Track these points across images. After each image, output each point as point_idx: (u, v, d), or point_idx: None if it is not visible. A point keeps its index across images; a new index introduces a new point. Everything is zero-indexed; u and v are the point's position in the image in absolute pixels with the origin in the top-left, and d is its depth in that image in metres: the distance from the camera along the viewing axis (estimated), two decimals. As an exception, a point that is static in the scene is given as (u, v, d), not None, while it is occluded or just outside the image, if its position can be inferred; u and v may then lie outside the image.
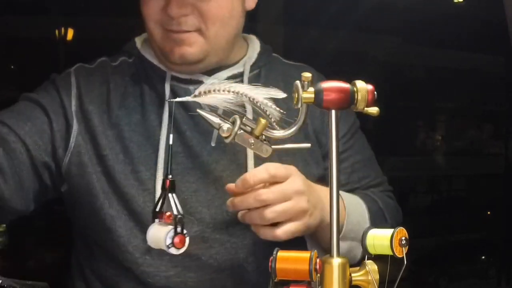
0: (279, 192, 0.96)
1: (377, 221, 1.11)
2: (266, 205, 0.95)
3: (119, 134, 1.10)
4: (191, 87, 1.14)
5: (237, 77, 1.15)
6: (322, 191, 1.05)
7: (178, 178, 1.03)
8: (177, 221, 0.85)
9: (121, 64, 1.18)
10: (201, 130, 1.11)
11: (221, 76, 1.15)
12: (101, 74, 1.17)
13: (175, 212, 0.89)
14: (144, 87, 1.15)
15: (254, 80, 1.16)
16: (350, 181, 1.18)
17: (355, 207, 1.10)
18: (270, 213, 0.96)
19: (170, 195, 0.88)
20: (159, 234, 0.87)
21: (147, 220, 1.05)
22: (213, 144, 1.10)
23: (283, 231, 0.97)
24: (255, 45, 1.22)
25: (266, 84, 1.06)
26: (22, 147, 1.07)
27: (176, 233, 0.84)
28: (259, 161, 1.08)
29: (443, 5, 3.42)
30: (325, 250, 1.03)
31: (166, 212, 0.88)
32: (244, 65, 1.17)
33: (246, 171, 1.07)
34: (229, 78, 1.14)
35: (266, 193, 0.96)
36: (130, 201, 1.08)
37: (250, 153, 1.09)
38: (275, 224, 0.98)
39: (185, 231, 0.85)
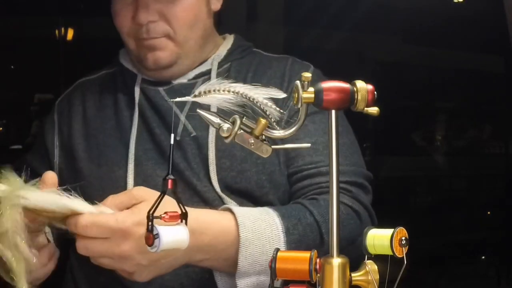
0: (95, 251, 0.92)
1: (304, 242, 1.01)
2: None
3: (96, 142, 1.17)
4: (159, 88, 1.20)
5: (205, 74, 1.20)
6: (197, 228, 0.96)
7: (149, 173, 1.11)
8: (150, 219, 0.81)
9: (100, 76, 1.29)
10: (168, 126, 1.15)
11: (189, 75, 1.21)
12: (77, 96, 1.26)
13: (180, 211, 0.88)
14: (119, 93, 1.23)
15: (224, 75, 1.20)
16: (294, 166, 1.13)
17: (260, 233, 1.00)
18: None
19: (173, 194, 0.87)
20: (181, 236, 0.86)
21: None
22: (178, 138, 1.14)
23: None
24: (228, 43, 1.26)
25: (235, 77, 1.07)
26: None
27: (147, 231, 0.82)
28: (219, 153, 1.12)
29: (443, 5, 3.42)
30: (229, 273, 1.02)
31: (174, 212, 0.87)
32: (212, 62, 1.21)
33: (207, 163, 1.11)
34: (196, 76, 1.20)
35: (83, 247, 0.92)
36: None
37: (211, 146, 1.11)
38: None
39: (155, 232, 0.83)
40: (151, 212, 0.82)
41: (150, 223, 0.82)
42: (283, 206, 1.08)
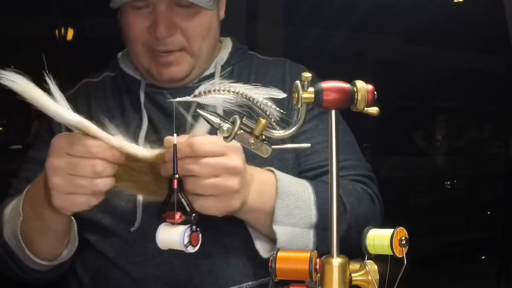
0: (208, 166, 0.94)
1: (328, 207, 1.09)
2: (193, 175, 0.95)
3: None
4: (164, 91, 1.21)
5: (209, 77, 1.22)
6: (251, 174, 1.04)
7: None
8: (193, 220, 0.86)
9: (103, 79, 1.28)
10: (176, 127, 1.16)
11: (193, 79, 1.23)
12: (82, 96, 1.26)
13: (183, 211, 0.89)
14: (124, 97, 1.23)
15: (227, 78, 1.21)
16: (310, 162, 1.19)
17: (294, 189, 1.08)
18: (190, 183, 0.96)
19: (179, 194, 0.88)
20: (174, 236, 0.87)
21: (130, 213, 1.09)
22: None
23: (198, 205, 0.96)
24: (227, 46, 1.29)
25: (238, 80, 1.10)
26: None
27: (192, 232, 0.85)
28: None
29: (443, 5, 3.42)
30: (265, 234, 1.09)
31: (176, 213, 0.87)
32: (216, 66, 1.23)
33: None
34: (201, 79, 1.22)
35: (192, 164, 0.95)
36: (113, 199, 1.12)
37: None
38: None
39: (198, 229, 0.86)
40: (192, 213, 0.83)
41: (195, 223, 0.83)
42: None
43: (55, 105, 0.90)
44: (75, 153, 0.93)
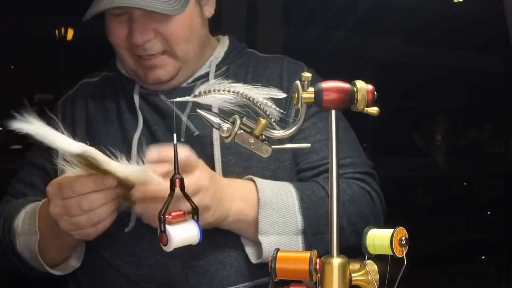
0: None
1: (316, 212, 1.09)
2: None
3: (98, 143, 1.16)
4: (159, 92, 1.22)
5: (204, 77, 1.21)
6: (227, 187, 1.05)
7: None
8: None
9: (102, 79, 1.30)
10: (170, 127, 1.16)
11: (188, 79, 1.22)
12: (80, 97, 1.27)
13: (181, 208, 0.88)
14: (120, 97, 1.23)
15: (223, 77, 1.20)
16: (308, 162, 1.18)
17: (277, 198, 1.08)
18: (146, 218, 1.00)
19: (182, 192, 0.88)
20: (191, 232, 0.87)
21: (124, 214, 1.09)
22: (182, 140, 1.15)
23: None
24: (224, 45, 1.27)
25: (235, 79, 1.10)
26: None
27: (160, 231, 0.85)
28: (225, 150, 1.12)
29: (443, 5, 3.42)
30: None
31: (179, 210, 0.87)
32: (210, 65, 1.22)
33: (213, 161, 1.12)
34: (195, 79, 1.21)
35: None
36: None
37: (216, 143, 1.13)
38: None
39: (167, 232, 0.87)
40: (161, 214, 0.83)
41: (162, 224, 0.83)
42: (298, 182, 1.16)
43: (62, 138, 0.92)
44: (65, 196, 0.98)
